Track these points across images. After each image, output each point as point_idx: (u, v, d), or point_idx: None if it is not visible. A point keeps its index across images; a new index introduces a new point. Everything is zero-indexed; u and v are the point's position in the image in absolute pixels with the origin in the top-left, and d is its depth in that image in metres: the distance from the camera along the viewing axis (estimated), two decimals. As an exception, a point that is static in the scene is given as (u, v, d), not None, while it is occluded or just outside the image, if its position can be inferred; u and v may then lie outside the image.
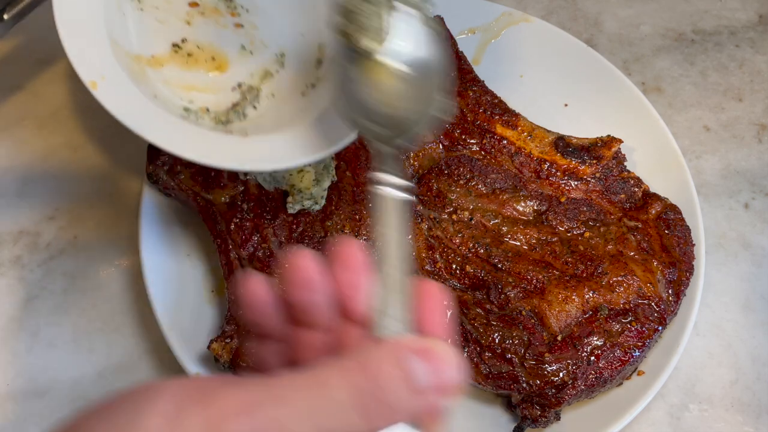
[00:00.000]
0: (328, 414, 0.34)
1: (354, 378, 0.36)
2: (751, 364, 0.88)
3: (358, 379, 0.36)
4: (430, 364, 0.38)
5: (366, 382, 0.36)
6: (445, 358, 0.39)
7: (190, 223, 0.91)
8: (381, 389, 0.36)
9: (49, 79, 1.05)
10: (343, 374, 0.36)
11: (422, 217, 0.87)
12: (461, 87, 0.95)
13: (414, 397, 0.37)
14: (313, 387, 0.35)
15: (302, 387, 0.35)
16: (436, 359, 0.38)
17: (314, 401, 0.34)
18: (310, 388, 0.35)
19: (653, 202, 0.88)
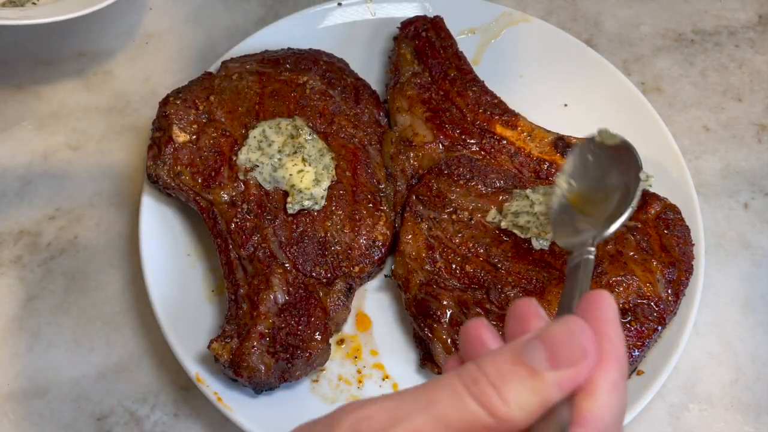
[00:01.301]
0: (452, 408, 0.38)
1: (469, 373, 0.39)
2: (750, 364, 0.88)
3: (473, 373, 0.38)
4: (545, 346, 0.39)
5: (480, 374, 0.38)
6: (561, 337, 0.39)
7: (190, 223, 0.91)
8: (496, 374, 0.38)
9: (49, 79, 1.06)
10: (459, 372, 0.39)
11: (422, 217, 0.87)
12: (461, 87, 0.95)
13: (530, 379, 0.38)
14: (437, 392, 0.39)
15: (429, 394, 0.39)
16: (551, 340, 0.39)
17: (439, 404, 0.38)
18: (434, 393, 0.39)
19: (653, 202, 0.88)
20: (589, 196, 0.70)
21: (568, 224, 0.70)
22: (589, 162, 0.71)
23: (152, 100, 1.04)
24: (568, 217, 0.70)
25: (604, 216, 0.68)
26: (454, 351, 0.79)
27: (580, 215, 0.69)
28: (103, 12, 1.11)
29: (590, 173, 0.71)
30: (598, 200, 0.70)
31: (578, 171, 0.71)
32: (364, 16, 1.06)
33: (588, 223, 0.68)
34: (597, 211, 0.69)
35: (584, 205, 0.70)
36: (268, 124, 0.90)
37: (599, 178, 0.71)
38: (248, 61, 0.96)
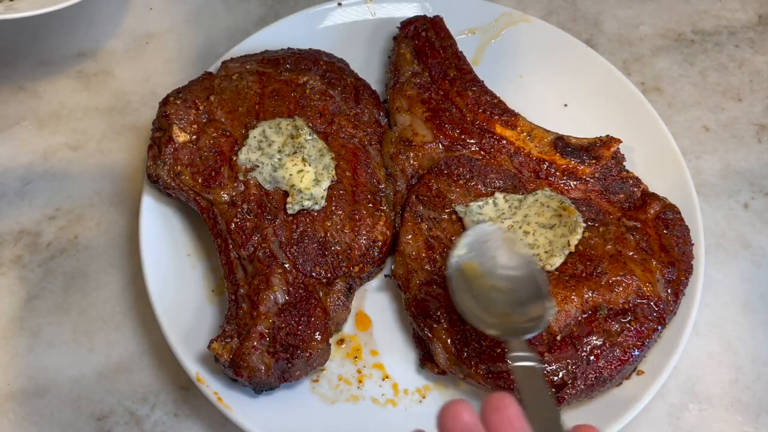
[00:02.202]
0: None
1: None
2: (750, 364, 0.88)
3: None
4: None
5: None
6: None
7: (190, 223, 0.91)
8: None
9: (49, 79, 1.06)
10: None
11: (422, 217, 0.87)
12: (461, 87, 0.95)
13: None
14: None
15: None
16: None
17: None
18: None
19: (652, 202, 0.88)
20: (481, 275, 0.77)
21: (461, 291, 0.76)
22: (487, 245, 0.78)
23: (152, 100, 1.04)
24: (462, 285, 0.76)
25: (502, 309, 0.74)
26: (453, 351, 0.79)
27: (472, 290, 0.76)
28: (103, 12, 1.12)
29: (485, 256, 0.78)
30: (491, 288, 0.76)
31: (476, 245, 0.78)
32: (364, 16, 1.06)
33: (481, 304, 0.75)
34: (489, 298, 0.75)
35: (476, 281, 0.76)
36: (268, 124, 0.90)
37: (494, 266, 0.77)
38: (248, 61, 0.96)
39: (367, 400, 0.82)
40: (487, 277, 0.77)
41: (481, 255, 0.78)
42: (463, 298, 0.76)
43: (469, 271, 0.77)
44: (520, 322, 0.73)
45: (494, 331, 0.73)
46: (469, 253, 0.78)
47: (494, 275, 0.77)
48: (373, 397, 0.82)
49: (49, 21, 1.10)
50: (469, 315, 0.75)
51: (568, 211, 0.85)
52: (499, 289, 0.76)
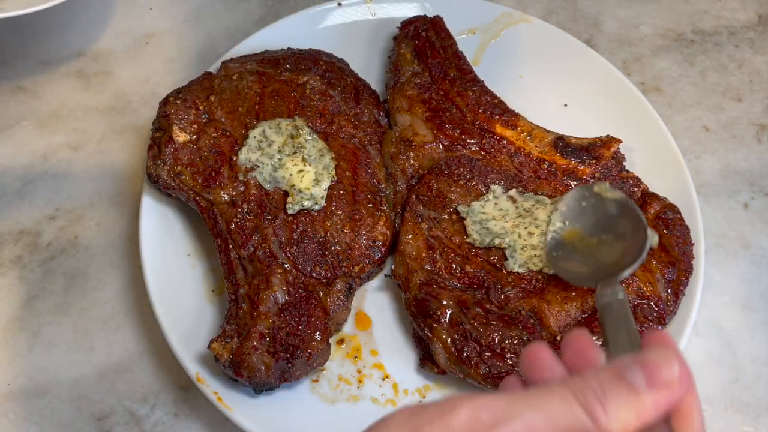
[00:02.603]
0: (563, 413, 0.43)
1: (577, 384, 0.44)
2: (750, 364, 0.88)
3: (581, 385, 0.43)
4: (644, 369, 0.44)
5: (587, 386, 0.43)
6: (659, 361, 0.44)
7: (190, 223, 0.91)
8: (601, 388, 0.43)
9: (49, 79, 1.06)
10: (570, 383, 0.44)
11: (422, 217, 0.87)
12: (461, 87, 0.95)
13: (631, 396, 0.43)
14: (547, 396, 0.43)
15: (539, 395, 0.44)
16: (649, 364, 0.44)
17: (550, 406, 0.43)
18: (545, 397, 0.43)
19: (652, 202, 0.88)
20: (584, 237, 0.79)
21: (566, 260, 0.78)
22: (583, 207, 0.79)
23: (152, 100, 1.04)
24: (565, 254, 0.78)
25: (611, 257, 0.75)
26: (453, 351, 0.79)
27: (578, 254, 0.77)
28: (104, 12, 1.12)
29: (584, 217, 0.80)
30: (595, 244, 0.77)
31: (572, 213, 0.80)
32: (364, 16, 1.06)
33: (590, 262, 0.77)
34: (598, 253, 0.77)
35: (580, 244, 0.78)
36: (268, 125, 0.90)
37: (595, 223, 0.78)
38: (248, 61, 0.96)
39: (367, 400, 0.82)
40: (592, 236, 0.78)
41: (580, 219, 0.79)
42: (565, 266, 0.78)
43: (571, 237, 0.79)
44: (624, 263, 0.74)
45: (596, 282, 0.71)
46: (566, 223, 0.79)
47: (599, 231, 0.78)
48: (373, 397, 0.82)
49: (49, 21, 1.10)
50: (574, 277, 0.78)
51: None
52: (606, 241, 0.77)
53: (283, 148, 0.88)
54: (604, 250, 0.77)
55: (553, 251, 0.80)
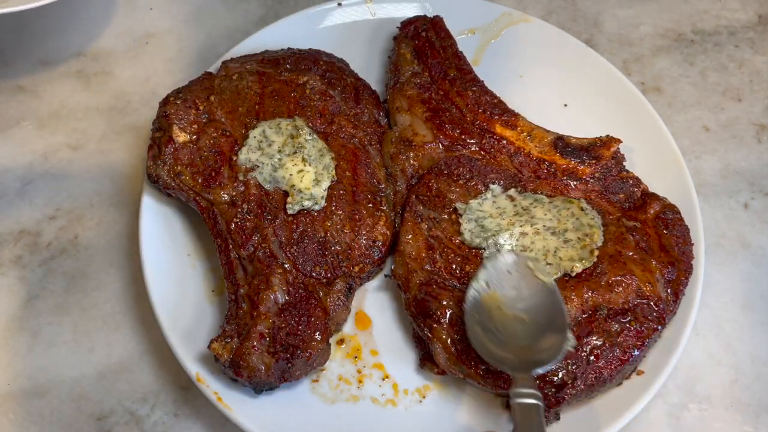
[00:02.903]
0: None
1: None
2: (750, 364, 0.88)
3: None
4: None
5: None
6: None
7: (190, 223, 0.91)
8: None
9: (49, 79, 1.06)
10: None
11: (422, 217, 0.87)
12: (461, 87, 0.95)
13: None
14: None
15: None
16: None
17: None
18: None
19: (652, 202, 0.88)
20: (501, 306, 0.76)
21: (481, 326, 0.75)
22: (509, 275, 0.78)
23: (152, 100, 1.04)
24: (481, 318, 0.76)
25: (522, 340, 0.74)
26: (453, 351, 0.79)
27: (492, 323, 0.75)
28: (104, 12, 1.12)
29: (507, 286, 0.77)
30: (510, 318, 0.75)
31: (498, 277, 0.77)
32: (364, 16, 1.06)
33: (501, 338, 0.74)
34: (511, 329, 0.74)
35: (497, 312, 0.76)
36: (268, 125, 0.90)
37: (515, 297, 0.77)
38: (248, 61, 0.96)
39: (367, 400, 0.82)
40: (509, 308, 0.76)
41: (503, 286, 0.77)
42: (477, 332, 0.75)
43: (490, 301, 0.77)
44: (536, 353, 0.72)
45: (506, 367, 0.72)
46: (490, 285, 0.77)
47: (516, 306, 0.76)
48: (373, 397, 0.82)
49: (49, 21, 1.10)
50: (482, 350, 0.74)
51: (592, 232, 0.85)
52: (520, 319, 0.76)
53: (283, 148, 0.88)
54: (517, 328, 0.75)
55: (471, 310, 0.77)
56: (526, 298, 0.77)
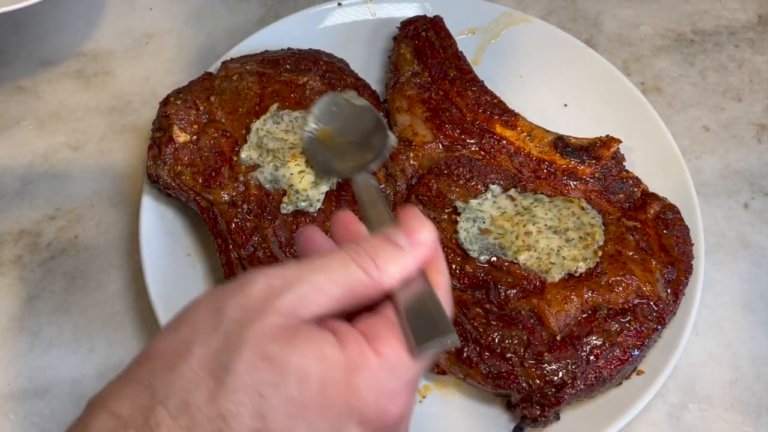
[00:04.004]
0: (342, 272, 0.51)
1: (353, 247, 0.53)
2: (750, 364, 0.88)
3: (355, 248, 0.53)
4: (405, 232, 0.54)
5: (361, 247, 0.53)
6: (416, 226, 0.54)
7: (190, 223, 0.91)
8: (373, 249, 0.53)
9: (49, 79, 1.06)
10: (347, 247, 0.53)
11: (422, 217, 0.87)
12: (461, 87, 0.95)
13: (397, 253, 0.53)
14: (329, 260, 0.51)
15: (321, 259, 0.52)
16: (409, 228, 0.54)
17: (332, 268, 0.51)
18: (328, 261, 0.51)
19: (652, 202, 0.88)
20: (335, 137, 0.85)
21: (320, 155, 0.85)
22: (334, 111, 0.86)
23: (152, 100, 1.04)
24: (319, 150, 0.85)
25: (359, 153, 0.82)
26: (453, 351, 0.79)
27: (330, 152, 0.84)
28: (103, 12, 1.12)
29: (335, 120, 0.86)
30: (345, 143, 0.84)
31: (324, 116, 0.86)
32: (364, 16, 1.06)
33: (341, 159, 0.83)
34: (348, 151, 0.83)
35: (331, 143, 0.85)
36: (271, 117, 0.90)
37: (343, 126, 0.86)
38: (248, 62, 0.96)
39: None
40: (341, 136, 0.85)
41: (331, 120, 0.86)
42: (319, 159, 0.85)
43: (324, 136, 0.85)
44: (370, 158, 0.81)
45: (349, 173, 0.78)
46: (320, 123, 0.85)
47: (345, 132, 0.85)
48: (373, 397, 0.82)
49: (49, 21, 1.10)
50: (326, 169, 0.85)
51: (594, 231, 0.85)
52: (351, 141, 0.84)
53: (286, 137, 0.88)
54: (353, 148, 0.83)
55: (308, 148, 0.86)
56: (351, 123, 0.86)
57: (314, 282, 0.50)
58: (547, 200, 0.87)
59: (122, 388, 0.49)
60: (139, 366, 0.50)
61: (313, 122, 0.86)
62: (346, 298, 0.51)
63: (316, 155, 0.85)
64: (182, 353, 0.48)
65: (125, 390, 0.49)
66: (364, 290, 0.52)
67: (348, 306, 0.52)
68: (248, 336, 0.47)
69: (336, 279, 0.51)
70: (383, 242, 0.53)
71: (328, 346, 0.48)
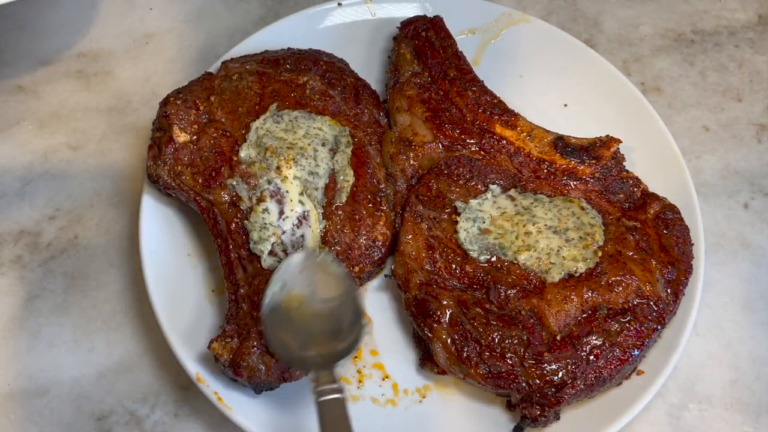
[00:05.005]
0: None
1: None
2: (750, 364, 0.88)
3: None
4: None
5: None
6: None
7: (190, 223, 0.91)
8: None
9: (49, 79, 1.06)
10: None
11: (422, 217, 0.87)
12: (461, 87, 0.95)
13: None
14: None
15: None
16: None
17: None
18: None
19: (652, 202, 0.88)
20: (300, 305, 0.76)
21: (280, 328, 0.75)
22: (302, 274, 0.77)
23: (152, 100, 1.04)
24: (280, 320, 0.75)
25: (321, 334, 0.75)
26: (453, 351, 0.79)
27: (291, 323, 0.75)
28: (103, 12, 1.12)
29: (302, 284, 0.77)
30: (308, 315, 0.75)
31: (291, 277, 0.77)
32: (364, 16, 1.06)
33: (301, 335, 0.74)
34: (310, 326, 0.75)
35: (295, 312, 0.76)
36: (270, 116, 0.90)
37: (311, 293, 0.77)
38: (248, 61, 0.96)
39: (367, 400, 0.82)
40: (308, 305, 0.76)
41: (299, 284, 0.77)
42: (278, 338, 0.74)
43: (289, 302, 0.76)
44: (338, 345, 0.74)
45: (310, 365, 0.73)
46: (285, 286, 0.77)
47: (314, 302, 0.76)
48: (373, 397, 0.82)
49: (49, 21, 1.10)
50: (284, 354, 0.74)
51: (593, 231, 0.85)
52: (319, 315, 0.76)
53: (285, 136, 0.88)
54: (317, 323, 0.75)
55: (269, 317, 0.76)
56: (322, 292, 0.77)
57: None
58: (547, 200, 0.87)
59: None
60: None
61: (278, 282, 0.77)
62: None
63: (275, 328, 0.75)
64: None
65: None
66: None
67: None
68: None
69: None
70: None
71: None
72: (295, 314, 0.76)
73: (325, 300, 0.77)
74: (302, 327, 0.75)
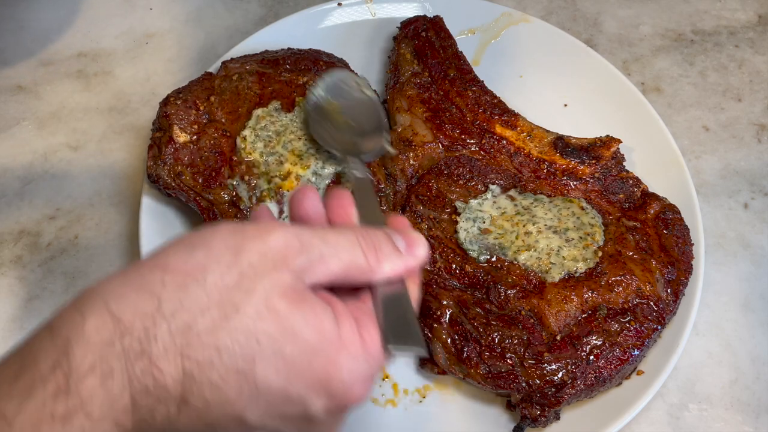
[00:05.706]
0: (349, 253, 0.55)
1: (361, 233, 0.57)
2: (750, 364, 0.88)
3: (363, 234, 0.57)
4: (405, 240, 0.59)
5: (368, 236, 0.57)
6: (417, 240, 0.60)
7: (190, 223, 0.91)
8: (377, 241, 0.57)
9: (49, 79, 1.06)
10: (355, 231, 0.57)
11: (422, 217, 0.87)
12: (461, 87, 0.96)
13: (395, 253, 0.57)
14: (340, 237, 0.55)
15: (334, 234, 0.55)
16: (409, 238, 0.60)
17: (341, 244, 0.55)
18: (339, 237, 0.55)
19: (652, 202, 0.88)
20: (338, 113, 0.88)
21: (320, 123, 0.87)
22: (343, 89, 0.89)
23: (152, 100, 1.04)
24: (320, 118, 0.87)
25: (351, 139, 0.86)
26: (453, 351, 0.79)
27: (329, 124, 0.87)
28: (103, 12, 1.12)
29: (342, 97, 0.89)
30: (342, 123, 0.87)
31: (334, 89, 0.89)
32: (364, 16, 1.06)
33: (336, 135, 0.86)
34: (343, 131, 0.87)
35: (333, 116, 0.88)
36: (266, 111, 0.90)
37: (348, 106, 0.89)
38: (248, 62, 0.96)
39: (366, 400, 0.82)
40: (342, 114, 0.87)
41: (339, 95, 0.88)
42: (318, 128, 0.86)
43: (329, 107, 0.88)
44: (364, 149, 0.85)
45: (340, 149, 0.84)
46: (328, 94, 0.88)
47: (347, 113, 0.88)
48: (372, 397, 0.82)
49: (49, 21, 1.10)
50: (323, 139, 0.86)
51: (593, 231, 0.85)
52: (349, 125, 0.87)
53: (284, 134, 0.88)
54: (351, 133, 0.87)
55: (312, 111, 0.87)
56: (355, 108, 0.89)
57: (323, 254, 0.54)
58: (547, 200, 0.87)
59: (127, 291, 0.50)
60: (149, 273, 0.51)
61: (321, 89, 0.88)
62: (341, 276, 0.55)
63: (317, 123, 0.87)
64: (195, 276, 0.50)
65: (130, 295, 0.50)
66: (358, 275, 0.56)
67: (338, 283, 0.55)
68: (262, 284, 0.51)
69: (342, 257, 0.54)
70: (386, 240, 0.58)
71: (327, 321, 0.52)
72: (331, 118, 0.87)
73: (357, 116, 0.88)
74: (336, 130, 0.86)
